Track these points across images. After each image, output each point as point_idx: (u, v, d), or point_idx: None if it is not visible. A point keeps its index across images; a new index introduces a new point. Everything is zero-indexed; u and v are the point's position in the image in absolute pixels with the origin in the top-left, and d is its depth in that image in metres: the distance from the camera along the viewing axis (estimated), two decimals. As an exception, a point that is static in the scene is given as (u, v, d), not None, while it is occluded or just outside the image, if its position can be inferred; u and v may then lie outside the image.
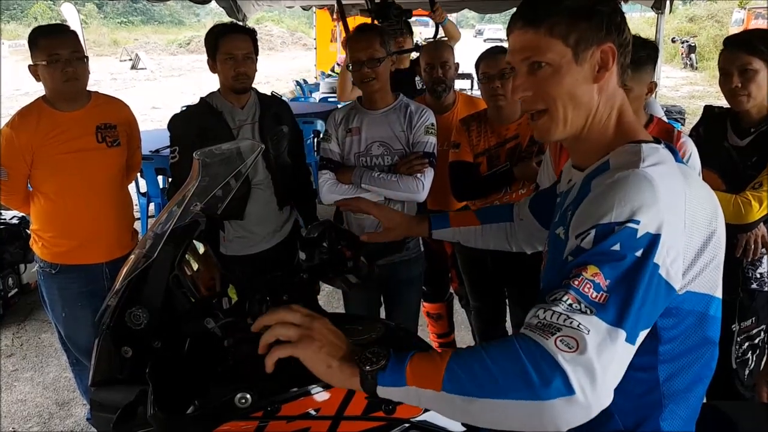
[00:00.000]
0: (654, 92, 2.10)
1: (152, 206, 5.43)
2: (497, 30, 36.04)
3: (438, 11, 3.91)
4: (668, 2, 6.31)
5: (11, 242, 4.30)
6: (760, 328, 2.38)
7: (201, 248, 1.60)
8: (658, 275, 0.94)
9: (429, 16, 3.97)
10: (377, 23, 3.72)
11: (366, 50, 2.33)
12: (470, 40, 31.72)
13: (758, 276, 2.32)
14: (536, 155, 2.46)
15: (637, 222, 0.94)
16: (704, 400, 1.17)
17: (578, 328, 0.89)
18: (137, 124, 2.74)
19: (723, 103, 2.42)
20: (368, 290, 2.53)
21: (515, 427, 0.92)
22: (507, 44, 1.21)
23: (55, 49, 2.33)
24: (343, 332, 1.05)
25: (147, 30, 36.68)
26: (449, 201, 2.82)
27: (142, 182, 5.34)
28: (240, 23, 5.69)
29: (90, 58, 2.49)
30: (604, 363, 0.88)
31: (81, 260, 2.52)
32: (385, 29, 2.50)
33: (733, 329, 2.35)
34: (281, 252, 2.61)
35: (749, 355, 2.39)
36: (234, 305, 1.52)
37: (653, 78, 2.08)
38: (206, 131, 2.39)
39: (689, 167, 1.11)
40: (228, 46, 2.41)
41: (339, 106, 2.80)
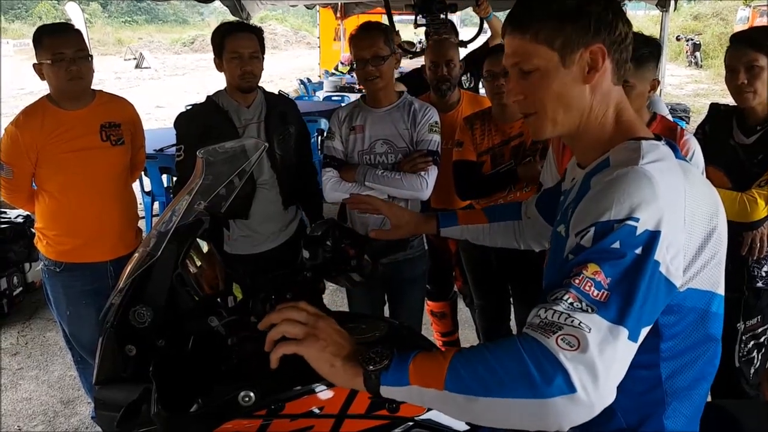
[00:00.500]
0: (657, 89, 2.10)
1: (156, 205, 5.43)
2: None
3: (483, 5, 3.74)
4: (673, 0, 6.28)
5: (16, 241, 4.31)
6: (765, 327, 2.37)
7: (205, 247, 1.60)
8: (659, 273, 0.94)
9: (474, 11, 3.89)
10: (422, 17, 3.68)
11: (370, 48, 2.33)
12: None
13: (763, 274, 2.31)
14: (540, 153, 2.46)
15: (637, 219, 0.94)
16: (709, 399, 1.17)
17: (579, 327, 0.89)
18: (141, 123, 2.74)
19: (728, 101, 2.41)
20: (372, 289, 2.53)
21: (518, 426, 0.92)
22: None
23: (60, 48, 2.33)
24: (347, 331, 1.06)
25: (151, 29, 36.67)
26: (453, 199, 2.81)
27: (146, 181, 5.35)
28: (247, 22, 5.68)
29: (94, 57, 2.50)
30: (607, 361, 0.88)
31: (85, 258, 2.52)
32: (388, 28, 2.48)
33: (738, 328, 2.34)
34: (286, 251, 2.61)
35: (754, 354, 2.38)
36: (237, 304, 1.52)
37: (656, 75, 2.07)
38: (212, 130, 2.38)
39: (691, 164, 1.10)
40: (234, 45, 2.41)
41: (343, 104, 2.79)
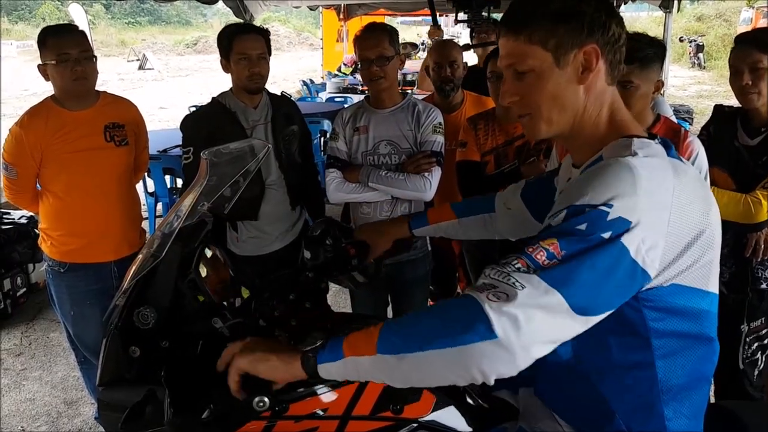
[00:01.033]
0: (661, 90, 2.10)
1: (160, 206, 5.43)
2: None
3: None
4: (676, 1, 6.27)
5: (20, 242, 4.31)
6: (770, 328, 2.36)
7: (210, 251, 1.60)
8: (630, 258, 0.93)
9: None
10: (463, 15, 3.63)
11: (374, 49, 2.33)
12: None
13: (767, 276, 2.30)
14: (544, 153, 2.45)
15: (610, 206, 0.94)
16: (712, 401, 1.16)
17: (513, 285, 0.91)
18: (145, 124, 2.74)
19: (731, 103, 2.41)
20: (375, 289, 2.53)
21: (446, 381, 0.94)
22: None
23: (64, 49, 2.34)
24: (350, 332, 1.05)
25: (154, 30, 36.69)
26: (456, 200, 2.80)
27: (150, 182, 5.35)
28: (253, 23, 5.68)
29: (98, 59, 2.50)
30: (529, 313, 0.89)
31: (89, 259, 2.53)
32: (393, 29, 2.48)
33: (742, 329, 2.34)
34: (293, 252, 2.61)
35: (758, 356, 2.37)
36: (241, 305, 1.52)
37: (660, 76, 2.07)
38: (220, 131, 2.37)
39: (686, 164, 1.10)
40: (242, 47, 2.41)
41: (346, 106, 2.79)
